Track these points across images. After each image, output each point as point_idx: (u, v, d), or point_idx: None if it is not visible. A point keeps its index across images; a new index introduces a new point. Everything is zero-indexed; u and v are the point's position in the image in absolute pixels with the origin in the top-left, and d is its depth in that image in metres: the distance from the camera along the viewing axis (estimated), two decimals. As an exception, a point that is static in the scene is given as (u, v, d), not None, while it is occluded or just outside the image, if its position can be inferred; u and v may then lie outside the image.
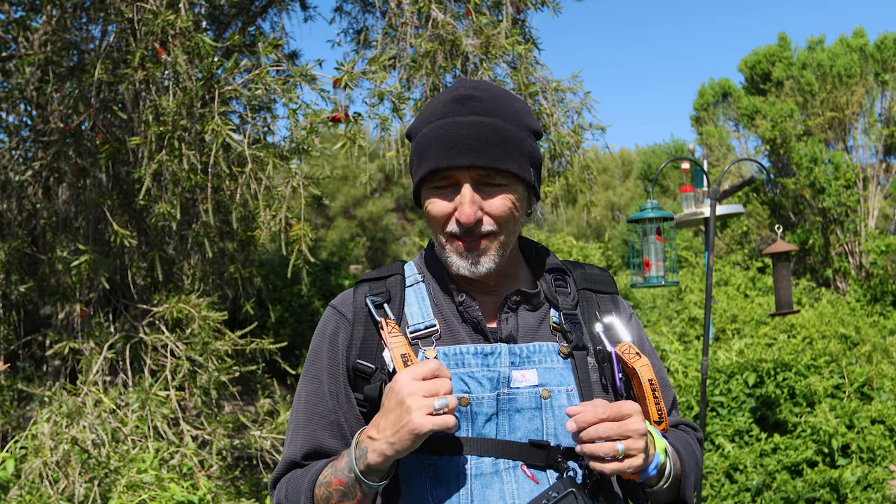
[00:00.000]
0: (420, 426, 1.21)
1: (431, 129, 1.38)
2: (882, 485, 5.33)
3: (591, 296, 1.50)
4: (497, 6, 4.91)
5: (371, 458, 1.26)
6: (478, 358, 1.37)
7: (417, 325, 1.40)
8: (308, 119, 4.12)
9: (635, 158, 22.75)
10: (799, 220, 13.10)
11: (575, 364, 1.41)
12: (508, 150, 1.36)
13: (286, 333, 7.65)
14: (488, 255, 1.38)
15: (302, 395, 1.45)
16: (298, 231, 4.08)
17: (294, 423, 1.44)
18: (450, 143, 1.34)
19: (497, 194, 1.37)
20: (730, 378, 6.26)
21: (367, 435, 1.28)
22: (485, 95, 1.39)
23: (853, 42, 13.70)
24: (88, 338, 4.94)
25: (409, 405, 1.22)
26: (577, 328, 1.44)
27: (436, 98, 1.44)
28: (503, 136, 1.36)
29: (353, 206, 17.04)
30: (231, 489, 4.66)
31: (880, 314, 10.50)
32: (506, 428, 1.35)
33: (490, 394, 1.35)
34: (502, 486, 1.32)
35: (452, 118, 1.36)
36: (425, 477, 1.34)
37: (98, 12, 4.84)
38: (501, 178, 1.36)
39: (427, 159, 1.37)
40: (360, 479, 1.28)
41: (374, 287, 1.45)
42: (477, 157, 1.33)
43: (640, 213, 4.19)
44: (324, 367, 1.43)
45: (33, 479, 3.91)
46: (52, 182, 5.25)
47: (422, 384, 1.24)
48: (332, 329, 1.44)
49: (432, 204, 1.39)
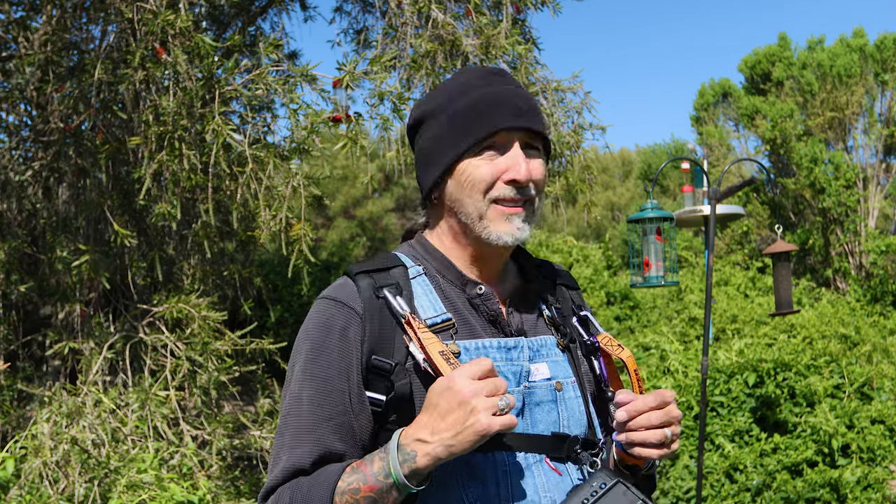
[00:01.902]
0: (488, 427, 1.17)
1: (479, 96, 1.39)
2: (882, 485, 5.33)
3: (565, 291, 1.54)
4: (497, 6, 4.91)
5: (421, 461, 1.20)
6: (501, 352, 1.35)
7: (433, 318, 1.35)
8: (308, 119, 4.12)
9: (635, 158, 22.76)
10: (799, 220, 13.10)
11: (570, 357, 1.44)
12: (543, 120, 1.43)
13: (286, 333, 7.65)
14: (530, 220, 1.40)
15: (304, 396, 1.33)
16: (299, 231, 4.08)
17: (295, 427, 1.32)
18: (509, 105, 1.38)
19: (537, 158, 1.41)
20: (730, 378, 6.25)
21: (415, 438, 1.21)
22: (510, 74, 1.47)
23: (853, 42, 13.71)
24: (88, 338, 4.94)
25: (474, 405, 1.18)
26: (567, 322, 1.47)
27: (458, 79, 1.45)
28: (538, 107, 1.43)
29: (353, 206, 17.04)
30: (231, 489, 4.66)
31: (880, 314, 10.51)
32: (528, 422, 1.35)
33: (516, 388, 1.34)
34: (535, 481, 1.32)
35: (500, 86, 1.40)
36: (458, 476, 1.30)
37: (98, 12, 4.84)
38: (539, 143, 1.42)
39: (483, 123, 1.37)
40: (399, 485, 1.21)
41: (379, 279, 1.37)
42: (529, 120, 1.39)
43: (640, 213, 4.19)
44: (332, 364, 1.32)
45: (33, 479, 3.92)
46: (52, 182, 5.25)
47: (483, 384, 1.20)
48: (340, 323, 1.33)
49: (476, 168, 1.37)
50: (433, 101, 1.44)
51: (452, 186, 1.39)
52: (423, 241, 1.46)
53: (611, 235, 15.13)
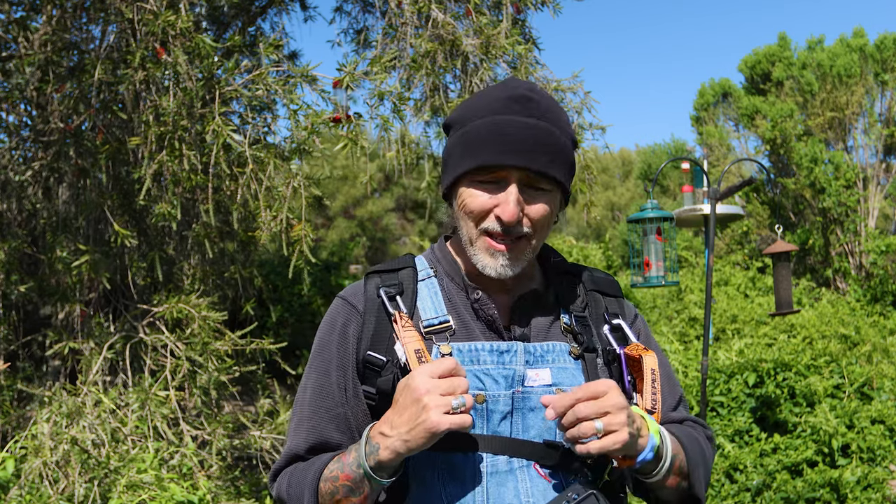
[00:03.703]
0: (437, 425, 1.20)
1: (487, 123, 1.37)
2: (882, 485, 5.33)
3: (598, 298, 1.50)
4: (497, 6, 4.91)
5: (383, 455, 1.25)
6: (493, 355, 1.36)
7: (431, 319, 1.39)
8: (309, 119, 4.12)
9: (635, 158, 22.75)
10: (799, 220, 13.10)
11: (585, 365, 1.41)
12: (557, 157, 1.37)
13: (286, 333, 7.65)
14: (519, 257, 1.38)
15: (308, 387, 1.42)
16: (299, 231, 4.08)
17: (298, 416, 1.41)
18: (507, 140, 1.34)
19: (540, 199, 1.37)
20: (730, 378, 6.25)
21: (378, 431, 1.27)
22: (541, 99, 1.39)
23: (853, 42, 13.70)
24: (88, 338, 4.94)
25: (426, 403, 1.21)
26: (587, 330, 1.44)
27: (487, 92, 1.43)
28: (555, 143, 1.37)
29: (353, 206, 17.03)
30: (231, 489, 4.66)
31: (880, 314, 10.50)
32: (520, 426, 1.35)
33: (505, 392, 1.35)
34: (517, 485, 1.32)
35: (511, 116, 1.36)
36: (438, 474, 1.33)
37: (98, 12, 4.84)
38: (546, 184, 1.37)
39: (479, 153, 1.36)
40: (368, 476, 1.27)
41: (385, 279, 1.43)
42: (531, 159, 1.34)
43: (640, 213, 4.19)
44: (332, 359, 1.41)
45: (33, 479, 3.92)
46: (52, 182, 5.25)
47: (439, 382, 1.23)
48: (342, 320, 1.42)
49: (472, 197, 1.37)
50: (462, 110, 1.44)
51: (456, 204, 1.42)
52: (441, 244, 1.51)
53: (611, 235, 15.12)
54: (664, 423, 1.47)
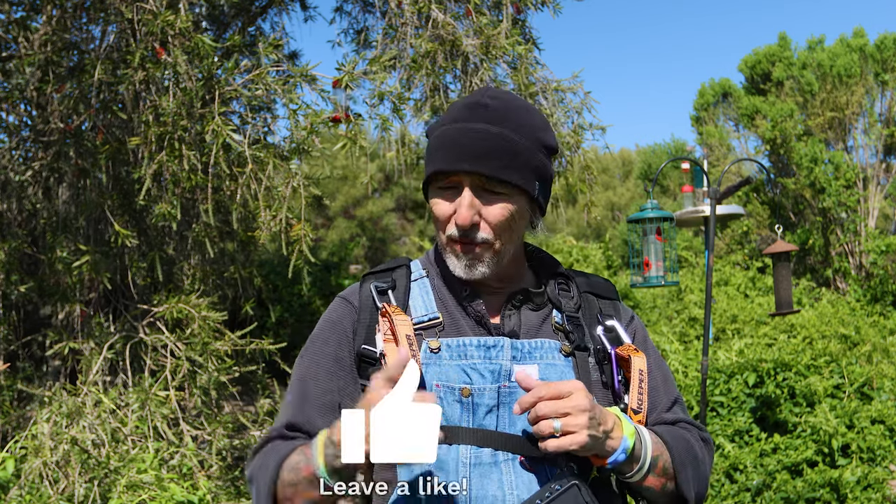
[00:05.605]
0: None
1: (443, 131, 1.42)
2: (882, 485, 5.33)
3: (592, 299, 1.52)
4: (497, 6, 4.91)
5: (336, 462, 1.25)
6: (480, 350, 1.39)
7: (421, 317, 1.43)
8: (308, 119, 4.12)
9: (635, 158, 22.75)
10: (799, 220, 13.11)
11: (576, 363, 1.43)
12: (513, 161, 1.38)
13: (286, 334, 7.65)
14: (482, 261, 1.41)
15: (296, 374, 1.46)
16: (299, 231, 4.08)
17: (284, 402, 1.46)
18: (456, 147, 1.38)
19: (496, 202, 1.39)
20: (730, 378, 6.25)
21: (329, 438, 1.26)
22: (499, 105, 1.41)
23: (853, 42, 13.70)
24: (88, 338, 4.94)
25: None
26: (579, 329, 1.46)
27: (456, 101, 1.49)
28: (509, 147, 1.38)
29: (353, 206, 17.03)
30: (231, 489, 4.66)
31: (880, 314, 10.50)
32: (506, 420, 1.36)
33: (491, 386, 1.37)
34: (501, 477, 1.33)
35: (463, 123, 1.40)
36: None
37: (98, 12, 4.84)
38: (502, 188, 1.39)
39: (434, 160, 1.41)
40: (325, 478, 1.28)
41: (379, 277, 1.50)
42: (479, 164, 1.36)
43: (640, 213, 4.20)
44: (322, 350, 1.45)
45: (33, 479, 3.92)
46: (52, 182, 5.25)
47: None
48: (337, 315, 1.47)
49: (436, 205, 1.43)
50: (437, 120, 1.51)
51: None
52: (435, 249, 1.55)
53: (611, 235, 15.12)
54: (656, 423, 1.48)
